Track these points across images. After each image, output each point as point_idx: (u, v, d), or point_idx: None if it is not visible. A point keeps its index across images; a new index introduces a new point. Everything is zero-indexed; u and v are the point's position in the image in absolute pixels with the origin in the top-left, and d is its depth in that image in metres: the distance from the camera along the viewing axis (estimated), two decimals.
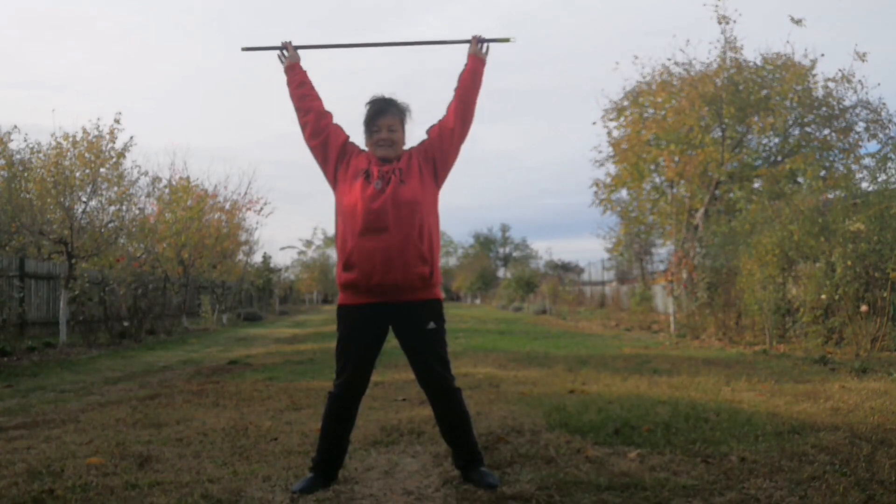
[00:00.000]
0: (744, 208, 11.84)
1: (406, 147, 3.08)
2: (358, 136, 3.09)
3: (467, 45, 3.16)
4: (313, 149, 3.09)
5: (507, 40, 3.20)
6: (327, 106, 3.13)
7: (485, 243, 69.62)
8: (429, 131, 3.08)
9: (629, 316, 18.40)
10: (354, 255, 2.85)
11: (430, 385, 2.98)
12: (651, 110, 17.25)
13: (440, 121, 3.09)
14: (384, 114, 2.99)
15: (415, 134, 3.10)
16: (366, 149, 3.07)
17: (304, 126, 3.10)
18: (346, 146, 3.06)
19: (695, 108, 15.31)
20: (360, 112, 3.06)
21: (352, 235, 2.87)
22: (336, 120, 3.12)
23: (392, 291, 2.87)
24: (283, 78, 3.17)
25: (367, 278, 2.84)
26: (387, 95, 3.06)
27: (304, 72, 3.16)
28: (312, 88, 3.14)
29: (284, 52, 3.17)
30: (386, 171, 2.93)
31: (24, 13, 73.10)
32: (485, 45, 3.13)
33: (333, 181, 3.05)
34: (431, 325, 2.93)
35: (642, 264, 25.68)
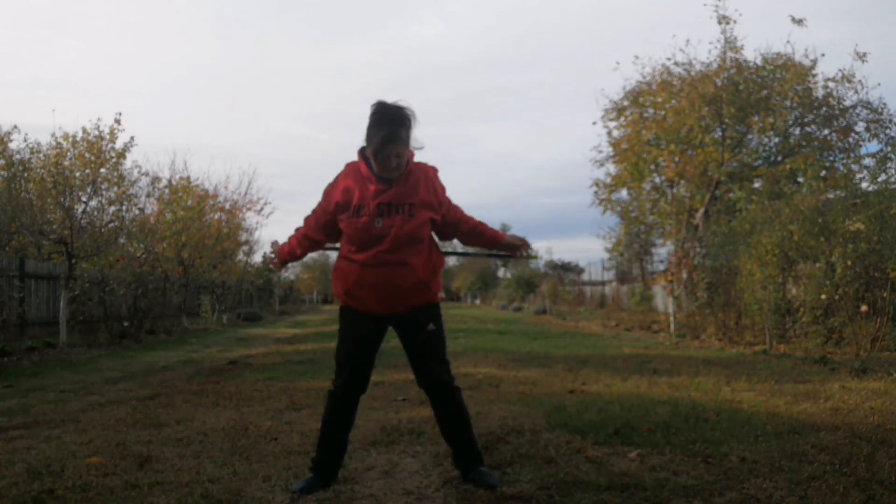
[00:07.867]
0: (744, 208, 11.83)
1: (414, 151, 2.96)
2: (349, 142, 3.04)
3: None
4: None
5: (534, 258, 3.43)
6: (329, 106, 3.07)
7: None
8: (443, 200, 2.99)
9: (629, 316, 18.41)
10: (356, 289, 2.89)
11: (429, 385, 2.99)
12: (651, 110, 17.26)
13: (452, 212, 3.03)
14: (395, 142, 2.81)
15: (418, 134, 3.03)
16: (357, 159, 2.96)
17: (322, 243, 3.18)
18: (339, 202, 2.91)
19: (695, 108, 15.31)
20: (357, 110, 3.01)
21: (354, 266, 2.87)
22: (335, 120, 3.09)
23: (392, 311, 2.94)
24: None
25: (367, 307, 2.91)
26: (398, 102, 2.84)
27: (288, 247, 3.19)
28: (301, 243, 3.15)
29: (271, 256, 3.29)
30: (387, 202, 2.83)
31: (21, 12, 73.19)
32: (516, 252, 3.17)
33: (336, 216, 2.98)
34: (431, 326, 2.95)
35: (642, 264, 25.68)
